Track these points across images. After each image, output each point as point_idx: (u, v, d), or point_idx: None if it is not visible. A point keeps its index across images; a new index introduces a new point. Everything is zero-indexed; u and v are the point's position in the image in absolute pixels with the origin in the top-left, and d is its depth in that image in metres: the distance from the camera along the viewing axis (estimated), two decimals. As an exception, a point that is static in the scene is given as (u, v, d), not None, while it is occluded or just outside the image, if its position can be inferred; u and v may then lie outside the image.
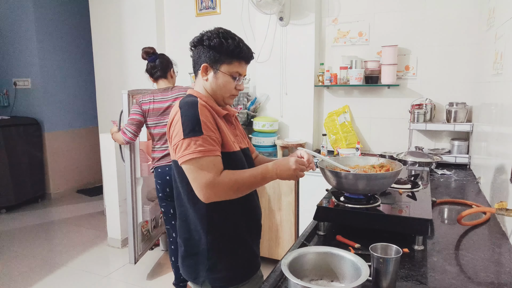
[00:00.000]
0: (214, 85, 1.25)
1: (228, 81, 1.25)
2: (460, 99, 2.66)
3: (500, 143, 1.66)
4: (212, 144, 1.14)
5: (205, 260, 1.25)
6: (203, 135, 1.13)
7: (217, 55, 1.23)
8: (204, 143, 1.13)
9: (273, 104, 3.22)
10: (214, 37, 1.21)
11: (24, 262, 3.23)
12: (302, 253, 1.05)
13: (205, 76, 1.26)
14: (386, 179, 1.36)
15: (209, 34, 1.23)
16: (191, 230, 1.27)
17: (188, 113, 1.15)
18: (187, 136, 1.12)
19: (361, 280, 0.89)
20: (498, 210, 1.29)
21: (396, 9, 2.84)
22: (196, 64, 1.28)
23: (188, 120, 1.14)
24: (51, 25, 4.90)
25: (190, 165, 1.13)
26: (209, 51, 1.23)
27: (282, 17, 3.00)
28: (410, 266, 1.15)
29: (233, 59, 1.24)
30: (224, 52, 1.22)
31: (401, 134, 2.93)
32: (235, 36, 1.26)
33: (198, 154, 1.11)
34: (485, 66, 2.18)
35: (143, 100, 2.50)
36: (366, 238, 1.30)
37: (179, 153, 1.14)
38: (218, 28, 1.26)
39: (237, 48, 1.22)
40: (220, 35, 1.22)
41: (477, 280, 1.08)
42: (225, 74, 1.24)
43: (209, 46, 1.22)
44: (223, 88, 1.26)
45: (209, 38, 1.22)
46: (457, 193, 2.01)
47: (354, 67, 2.88)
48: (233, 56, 1.23)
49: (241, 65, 1.26)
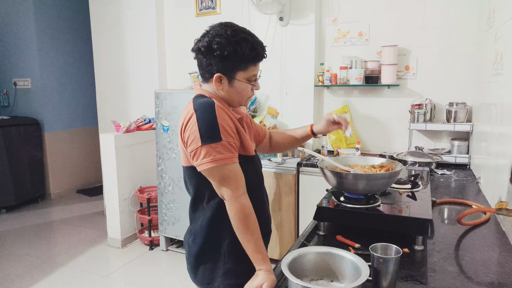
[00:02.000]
0: (231, 94, 1.18)
1: (245, 88, 1.18)
2: (460, 99, 2.66)
3: (500, 143, 1.66)
4: (231, 150, 1.09)
5: (222, 265, 1.20)
6: (222, 141, 1.07)
7: (231, 64, 1.13)
8: (223, 150, 1.07)
9: (273, 104, 3.22)
10: (226, 44, 1.10)
11: (24, 262, 3.22)
12: (302, 253, 1.05)
13: (219, 86, 1.16)
14: (386, 179, 1.36)
15: (219, 40, 1.10)
16: (211, 235, 1.21)
17: (205, 116, 1.08)
18: (205, 143, 1.06)
19: (361, 280, 0.89)
20: (498, 210, 1.29)
21: (396, 9, 2.84)
22: (205, 72, 1.17)
23: (205, 125, 1.07)
24: (51, 25, 4.90)
25: (211, 174, 1.10)
26: (221, 60, 1.12)
27: (282, 17, 3.00)
28: (410, 266, 1.15)
29: (249, 64, 1.15)
30: (239, 60, 1.12)
31: (401, 134, 2.93)
32: (246, 35, 1.14)
33: (218, 163, 1.07)
34: (485, 66, 2.18)
35: None
36: (366, 238, 1.30)
37: (198, 161, 1.09)
38: (225, 27, 1.13)
39: (252, 51, 1.13)
40: (232, 40, 1.10)
41: (477, 280, 1.08)
42: (242, 82, 1.16)
43: (222, 56, 1.10)
44: (240, 95, 1.19)
45: (220, 45, 1.10)
46: (457, 193, 2.01)
47: (354, 67, 2.88)
48: (248, 61, 1.14)
49: (256, 67, 1.18)
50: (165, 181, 3.24)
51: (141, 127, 3.58)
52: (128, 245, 3.54)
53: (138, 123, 3.56)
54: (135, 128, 3.51)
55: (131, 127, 3.45)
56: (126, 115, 3.94)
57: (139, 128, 3.56)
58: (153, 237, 3.45)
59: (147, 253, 3.38)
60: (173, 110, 3.04)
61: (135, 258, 3.29)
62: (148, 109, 3.72)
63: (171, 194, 3.23)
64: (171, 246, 3.44)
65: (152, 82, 3.75)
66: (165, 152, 3.20)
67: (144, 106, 3.79)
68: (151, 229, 3.47)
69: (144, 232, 3.53)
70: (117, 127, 3.42)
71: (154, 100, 3.16)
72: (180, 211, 3.20)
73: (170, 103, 3.05)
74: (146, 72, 3.79)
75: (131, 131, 3.45)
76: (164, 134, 3.17)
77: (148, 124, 3.62)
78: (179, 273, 3.00)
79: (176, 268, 3.10)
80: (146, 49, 3.75)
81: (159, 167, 3.26)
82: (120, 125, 3.41)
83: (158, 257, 3.32)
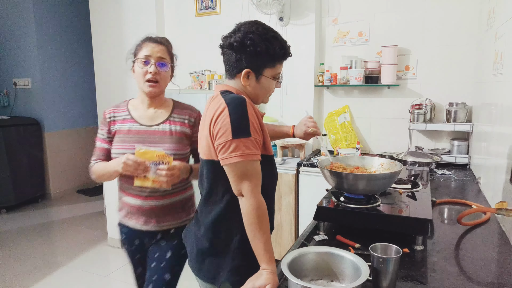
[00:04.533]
0: (257, 90, 1.22)
1: (270, 84, 1.23)
2: (460, 99, 2.66)
3: (500, 143, 1.66)
4: (256, 147, 1.12)
5: (230, 261, 1.21)
6: (251, 137, 1.10)
7: (262, 61, 1.17)
8: (251, 146, 1.10)
9: (273, 104, 3.22)
10: (259, 41, 1.14)
11: (24, 262, 3.22)
12: (302, 253, 1.05)
13: (246, 81, 1.20)
14: (386, 179, 1.36)
15: (251, 36, 1.14)
16: (222, 230, 1.22)
17: (238, 111, 1.10)
18: (237, 137, 1.08)
19: (361, 280, 0.89)
20: (498, 210, 1.29)
21: (396, 9, 2.84)
22: (234, 68, 1.20)
23: (238, 120, 1.09)
24: (51, 25, 4.90)
25: (236, 167, 1.10)
26: (253, 56, 1.15)
27: (282, 17, 3.00)
28: (410, 266, 1.15)
29: (277, 62, 1.20)
30: (269, 57, 1.17)
31: (401, 134, 2.93)
32: (276, 34, 1.19)
33: (246, 157, 1.09)
34: (485, 66, 2.18)
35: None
36: (366, 238, 1.30)
37: (226, 154, 1.10)
38: (256, 25, 1.17)
39: (282, 50, 1.18)
40: (264, 37, 1.15)
41: (477, 280, 1.08)
42: (268, 78, 1.21)
43: (255, 52, 1.15)
44: (265, 92, 1.24)
45: (253, 42, 1.14)
46: (457, 193, 2.01)
47: (354, 67, 2.88)
48: (277, 59, 1.19)
49: (281, 65, 1.24)
50: (165, 181, 3.23)
51: (141, 127, 3.57)
52: (128, 245, 3.54)
53: (138, 123, 3.55)
54: (135, 128, 3.50)
55: (131, 127, 3.45)
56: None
57: (139, 128, 3.55)
58: (153, 237, 3.45)
59: (147, 253, 3.38)
60: (173, 110, 3.03)
61: (135, 258, 3.29)
62: (148, 109, 3.71)
63: (171, 194, 3.22)
64: (171, 246, 3.44)
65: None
66: (165, 152, 3.19)
67: (144, 106, 3.78)
68: (151, 229, 3.47)
69: (144, 232, 3.53)
70: (117, 127, 3.42)
71: (154, 100, 3.16)
72: (180, 211, 3.20)
73: (170, 103, 3.03)
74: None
75: (131, 131, 3.45)
76: (164, 134, 3.16)
77: (148, 124, 3.61)
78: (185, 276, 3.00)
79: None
80: (146, 49, 3.74)
81: (159, 167, 3.25)
82: (120, 125, 3.41)
83: (158, 257, 3.31)
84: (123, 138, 1.56)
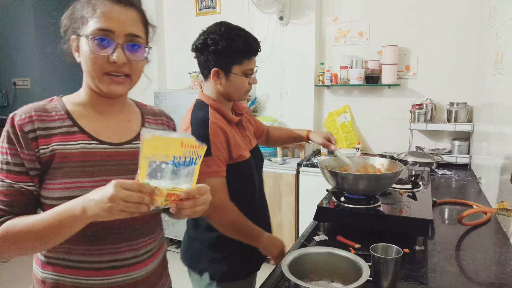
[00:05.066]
0: (228, 88, 1.25)
1: (241, 81, 1.24)
2: (461, 99, 2.66)
3: (501, 143, 1.65)
4: (219, 165, 1.18)
5: (211, 252, 1.28)
6: (212, 156, 1.15)
7: (227, 58, 1.20)
8: (212, 164, 1.16)
9: (273, 104, 3.21)
10: (220, 39, 1.17)
11: (24, 262, 3.22)
12: (302, 254, 1.05)
13: (217, 80, 1.23)
14: (387, 179, 1.36)
15: (213, 36, 1.18)
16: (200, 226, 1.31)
17: (199, 133, 1.16)
18: None
19: (362, 281, 0.89)
20: (499, 210, 1.29)
21: (396, 9, 2.84)
22: (204, 68, 1.25)
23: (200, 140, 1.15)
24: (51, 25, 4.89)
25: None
26: (217, 55, 1.19)
27: (282, 16, 3.00)
28: (411, 266, 1.15)
29: (244, 58, 1.22)
30: (233, 54, 1.19)
31: (401, 134, 2.92)
32: (239, 31, 1.21)
33: (206, 176, 1.13)
34: (485, 66, 2.18)
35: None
36: (366, 238, 1.30)
37: None
38: (219, 25, 1.21)
39: (245, 46, 1.20)
40: (225, 36, 1.17)
41: (478, 280, 1.08)
42: (238, 75, 1.23)
43: (217, 50, 1.18)
44: (237, 89, 1.25)
45: (214, 41, 1.17)
46: (458, 193, 2.01)
47: (355, 67, 2.88)
48: (243, 55, 1.21)
49: (251, 61, 1.25)
50: (165, 181, 3.23)
51: (141, 127, 3.57)
52: (128, 245, 3.54)
53: (138, 123, 3.55)
54: (135, 128, 3.50)
55: (131, 127, 3.44)
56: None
57: (139, 128, 3.55)
58: (153, 237, 3.44)
59: (147, 253, 3.37)
60: (173, 110, 3.03)
61: (135, 258, 3.29)
62: (148, 109, 3.71)
63: (171, 194, 3.22)
64: (170, 247, 3.44)
65: (152, 81, 3.74)
66: (165, 152, 3.19)
67: (144, 106, 3.78)
68: (151, 229, 3.46)
69: (144, 232, 3.53)
70: (117, 127, 3.41)
71: (154, 100, 3.16)
72: (180, 211, 3.20)
73: (170, 103, 3.04)
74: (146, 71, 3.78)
75: (131, 131, 3.44)
76: (164, 134, 3.16)
77: (148, 124, 3.61)
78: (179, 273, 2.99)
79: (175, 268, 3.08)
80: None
81: (159, 167, 3.25)
82: (120, 125, 3.40)
83: (158, 257, 3.31)
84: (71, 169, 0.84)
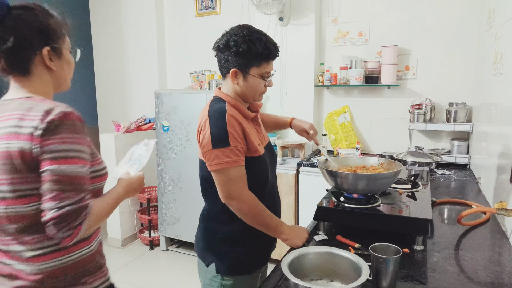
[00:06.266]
0: (245, 88, 1.29)
1: (258, 83, 1.29)
2: (460, 99, 2.66)
3: (500, 143, 1.66)
4: (238, 155, 1.22)
5: (220, 245, 1.33)
6: (230, 146, 1.20)
7: (246, 60, 1.24)
8: (231, 154, 1.20)
9: (273, 104, 3.22)
10: (241, 41, 1.22)
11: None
12: (302, 253, 1.05)
13: (235, 80, 1.28)
14: (386, 179, 1.36)
15: (235, 38, 1.23)
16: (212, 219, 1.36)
17: (217, 123, 1.21)
18: (216, 147, 1.20)
19: (361, 280, 0.89)
20: (498, 210, 1.29)
21: (396, 9, 2.84)
22: (223, 68, 1.30)
23: (217, 131, 1.20)
24: (51, 25, 4.89)
25: (218, 174, 1.22)
26: (237, 56, 1.24)
27: (282, 17, 3.00)
28: (410, 266, 1.15)
29: (262, 61, 1.26)
30: (253, 56, 1.24)
31: (401, 134, 2.93)
32: (260, 35, 1.26)
33: (225, 165, 1.19)
34: (485, 66, 2.18)
35: None
36: (366, 238, 1.30)
37: (208, 162, 1.22)
38: (242, 28, 1.26)
39: (265, 50, 1.24)
40: (247, 39, 1.22)
41: (477, 280, 1.08)
42: (255, 77, 1.27)
43: (237, 52, 1.23)
44: (253, 90, 1.30)
45: (236, 43, 1.22)
46: (457, 193, 2.01)
47: (354, 67, 2.88)
48: (261, 58, 1.25)
49: (269, 65, 1.29)
50: (165, 181, 3.24)
51: (141, 127, 3.58)
52: (128, 245, 3.54)
53: (138, 123, 3.56)
54: (135, 128, 3.51)
55: (131, 127, 3.45)
56: (126, 115, 3.93)
57: (139, 128, 3.56)
58: (153, 237, 3.45)
59: (147, 253, 3.38)
60: (173, 110, 3.04)
61: (135, 258, 3.30)
62: (148, 109, 3.71)
63: (171, 194, 3.23)
64: (171, 246, 3.44)
65: (152, 82, 3.75)
66: (165, 152, 3.19)
67: (144, 106, 3.79)
68: (151, 229, 3.47)
69: (144, 232, 3.53)
70: (117, 127, 3.42)
71: (154, 100, 3.16)
72: (180, 211, 3.20)
73: (170, 103, 3.05)
74: (146, 72, 3.79)
75: (131, 131, 3.45)
76: (164, 134, 3.17)
77: (148, 124, 3.62)
78: (179, 273, 3.01)
79: (176, 268, 3.10)
80: (146, 49, 3.75)
81: (159, 167, 3.26)
82: (120, 125, 3.41)
83: (158, 257, 3.32)
84: None
